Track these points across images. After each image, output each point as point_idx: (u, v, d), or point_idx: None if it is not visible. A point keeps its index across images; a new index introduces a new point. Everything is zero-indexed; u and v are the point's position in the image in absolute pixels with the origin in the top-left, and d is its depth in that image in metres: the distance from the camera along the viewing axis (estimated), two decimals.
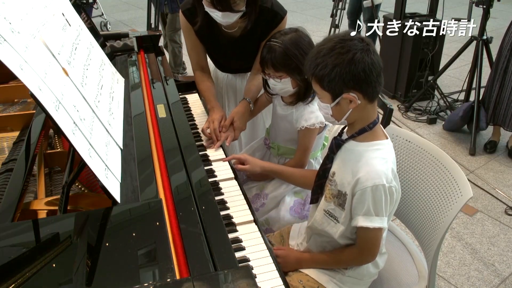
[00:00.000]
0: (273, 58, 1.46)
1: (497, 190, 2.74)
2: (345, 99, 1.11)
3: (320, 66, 1.09)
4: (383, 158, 1.14)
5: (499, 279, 2.10)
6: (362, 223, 1.14)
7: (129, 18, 6.62)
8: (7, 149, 1.41)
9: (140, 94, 1.62)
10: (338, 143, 1.21)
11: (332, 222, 1.25)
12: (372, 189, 1.11)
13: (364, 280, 1.31)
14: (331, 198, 1.23)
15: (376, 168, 1.12)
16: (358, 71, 1.06)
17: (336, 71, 1.07)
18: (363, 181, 1.12)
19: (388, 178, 1.12)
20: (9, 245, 0.91)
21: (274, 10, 1.69)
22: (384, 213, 1.15)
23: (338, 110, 1.14)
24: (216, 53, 1.89)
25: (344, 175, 1.18)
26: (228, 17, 1.58)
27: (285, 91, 1.55)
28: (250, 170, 1.50)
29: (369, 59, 1.07)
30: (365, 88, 1.09)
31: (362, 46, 1.08)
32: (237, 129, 1.66)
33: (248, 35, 1.71)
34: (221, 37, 1.76)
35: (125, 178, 1.13)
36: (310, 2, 7.80)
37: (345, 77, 1.07)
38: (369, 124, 1.16)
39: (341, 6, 4.46)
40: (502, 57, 2.92)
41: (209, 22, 1.68)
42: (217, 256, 0.97)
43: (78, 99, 1.10)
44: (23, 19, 1.02)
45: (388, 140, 1.20)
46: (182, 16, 1.75)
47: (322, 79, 1.10)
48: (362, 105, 1.12)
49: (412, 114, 3.68)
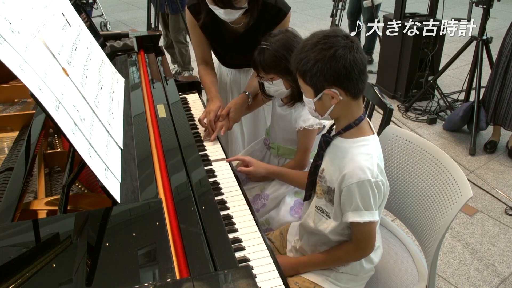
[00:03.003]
0: (262, 60, 1.47)
1: (497, 190, 2.74)
2: (326, 95, 1.13)
3: (303, 61, 1.11)
4: (367, 154, 1.15)
5: (499, 279, 2.10)
6: (352, 218, 1.15)
7: (129, 18, 6.62)
8: (7, 149, 1.41)
9: (140, 94, 1.62)
10: (326, 140, 1.23)
11: (323, 218, 1.26)
12: (358, 185, 1.12)
13: (360, 275, 1.31)
14: (322, 194, 1.25)
15: (360, 164, 1.13)
16: (339, 67, 1.07)
17: (317, 67, 1.08)
18: (349, 177, 1.13)
19: (374, 173, 1.13)
20: (9, 245, 0.91)
21: (278, 6, 1.70)
22: (374, 207, 1.16)
23: (321, 105, 1.16)
24: (220, 49, 1.91)
25: (332, 171, 1.20)
26: (230, 14, 1.59)
27: (280, 93, 1.55)
28: (253, 172, 1.51)
29: (351, 56, 1.08)
30: (347, 85, 1.10)
31: (346, 43, 1.08)
32: (232, 120, 1.69)
33: (252, 31, 1.72)
34: (226, 33, 1.78)
35: (125, 178, 1.13)
36: (310, 2, 7.79)
37: (326, 73, 1.08)
38: (354, 120, 1.17)
39: (341, 6, 4.45)
40: (503, 57, 2.92)
41: (213, 18, 1.70)
42: (217, 256, 0.97)
43: (78, 99, 1.10)
44: (23, 19, 1.02)
45: (374, 136, 1.21)
46: (188, 11, 1.77)
47: (304, 74, 1.12)
48: (345, 101, 1.13)
49: (412, 114, 3.68)
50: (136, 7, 7.20)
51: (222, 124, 1.65)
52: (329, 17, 4.69)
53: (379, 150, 1.21)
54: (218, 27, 1.76)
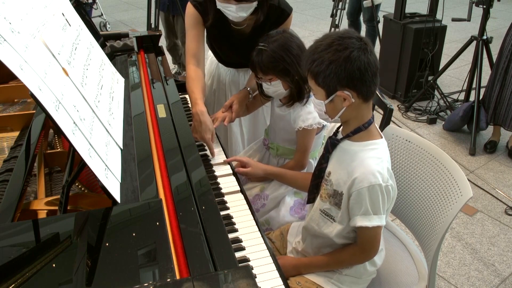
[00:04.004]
0: (260, 61, 1.46)
1: (497, 190, 2.74)
2: (339, 97, 1.11)
3: (316, 62, 1.10)
4: (378, 158, 1.14)
5: (499, 279, 2.10)
6: (361, 222, 1.15)
7: (129, 18, 6.62)
8: (7, 149, 1.41)
9: (140, 94, 1.62)
10: (333, 143, 1.22)
11: (328, 221, 1.25)
12: (368, 189, 1.12)
13: (362, 278, 1.31)
14: (326, 198, 1.24)
15: (371, 168, 1.12)
16: (353, 69, 1.06)
17: (331, 68, 1.07)
18: (359, 182, 1.12)
19: (384, 177, 1.13)
20: (9, 245, 0.91)
21: (281, 7, 1.71)
22: (382, 212, 1.15)
23: (332, 107, 1.15)
24: (225, 50, 1.90)
25: (340, 174, 1.19)
26: (242, 11, 1.58)
27: (278, 94, 1.55)
28: (252, 173, 1.51)
29: (365, 58, 1.07)
30: (360, 87, 1.09)
31: (360, 45, 1.08)
32: (235, 112, 1.67)
33: (258, 32, 1.71)
34: (232, 35, 1.77)
35: (125, 178, 1.13)
36: (310, 2, 7.79)
37: (340, 74, 1.07)
38: (364, 123, 1.16)
39: (341, 6, 4.45)
40: (503, 57, 2.92)
41: (219, 21, 1.69)
42: (217, 256, 0.97)
43: (78, 99, 1.10)
44: (23, 19, 1.02)
45: (383, 140, 1.20)
46: (193, 7, 1.72)
47: (317, 75, 1.11)
48: (356, 104, 1.12)
49: (412, 114, 3.68)
50: (136, 7, 7.20)
51: (226, 114, 1.64)
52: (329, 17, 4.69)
53: (388, 154, 1.20)
54: (225, 29, 1.76)
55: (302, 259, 1.35)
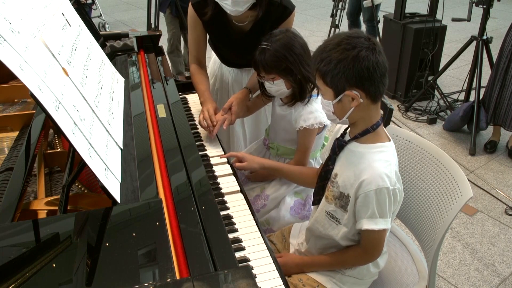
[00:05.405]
0: (263, 60, 1.46)
1: (497, 190, 2.74)
2: (347, 96, 1.10)
3: (324, 61, 1.09)
4: (386, 161, 1.13)
5: (499, 279, 2.10)
6: (367, 226, 1.14)
7: (129, 18, 6.62)
8: (7, 149, 1.41)
9: (140, 94, 1.62)
10: (340, 144, 1.21)
11: (334, 223, 1.24)
12: (376, 192, 1.11)
13: (364, 279, 1.31)
14: (332, 200, 1.23)
15: (379, 171, 1.11)
16: (362, 68, 1.06)
17: (339, 67, 1.07)
18: (367, 184, 1.11)
19: (392, 180, 1.12)
20: (9, 245, 0.91)
21: (283, 4, 1.70)
22: (388, 215, 1.15)
23: (340, 107, 1.14)
24: (225, 48, 1.90)
25: (347, 177, 1.18)
26: (238, 5, 1.56)
27: (281, 93, 1.55)
28: (247, 167, 1.49)
29: (374, 57, 1.06)
30: (368, 87, 1.08)
31: (368, 44, 1.07)
32: (234, 114, 1.67)
33: (258, 29, 1.71)
34: (231, 32, 1.77)
35: (125, 178, 1.13)
36: (310, 2, 7.79)
37: (348, 74, 1.07)
38: (372, 125, 1.15)
39: (341, 6, 4.46)
40: (503, 57, 2.92)
41: (219, 15, 1.69)
42: (217, 256, 0.97)
43: (78, 99, 1.10)
44: (23, 19, 1.02)
45: (391, 143, 1.19)
46: (192, 9, 1.75)
47: (325, 75, 1.10)
48: (364, 105, 1.11)
49: (412, 114, 3.68)
50: (136, 7, 7.20)
51: (225, 117, 1.63)
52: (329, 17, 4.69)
53: (396, 157, 1.19)
54: (224, 25, 1.75)
55: (305, 257, 1.35)
